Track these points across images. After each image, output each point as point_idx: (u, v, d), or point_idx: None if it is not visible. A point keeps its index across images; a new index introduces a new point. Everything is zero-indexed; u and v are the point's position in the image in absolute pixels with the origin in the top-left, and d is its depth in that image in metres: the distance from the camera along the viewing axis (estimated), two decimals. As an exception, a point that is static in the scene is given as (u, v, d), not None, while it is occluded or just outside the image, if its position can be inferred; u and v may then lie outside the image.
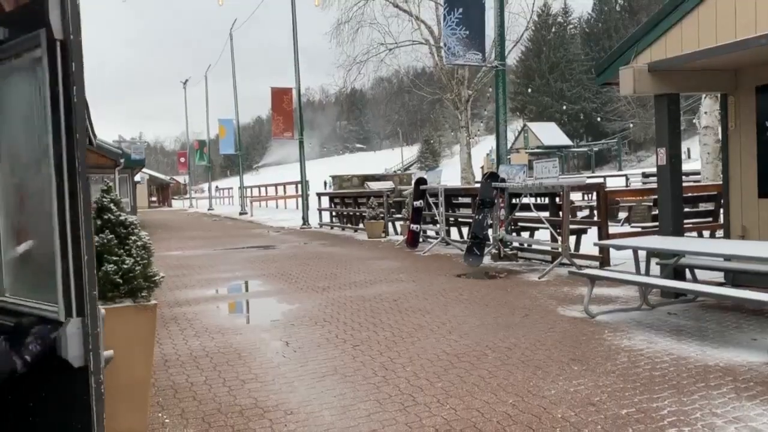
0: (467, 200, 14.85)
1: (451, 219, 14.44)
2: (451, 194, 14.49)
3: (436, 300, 7.78)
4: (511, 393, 4.36)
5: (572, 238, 10.42)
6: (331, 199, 22.99)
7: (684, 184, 7.95)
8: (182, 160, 61.16)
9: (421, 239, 13.97)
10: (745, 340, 5.45)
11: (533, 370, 4.84)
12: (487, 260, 10.94)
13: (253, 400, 4.45)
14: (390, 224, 17.53)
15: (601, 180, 21.96)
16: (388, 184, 24.33)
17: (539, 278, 9.03)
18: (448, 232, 13.98)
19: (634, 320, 6.33)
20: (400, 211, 18.01)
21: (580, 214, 15.66)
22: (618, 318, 6.45)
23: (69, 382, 2.13)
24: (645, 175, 26.73)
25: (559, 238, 9.66)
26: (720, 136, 10.41)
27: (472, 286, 8.68)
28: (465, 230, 14.13)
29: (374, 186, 24.41)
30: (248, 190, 40.42)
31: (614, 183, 27.32)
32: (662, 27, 7.15)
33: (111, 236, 3.78)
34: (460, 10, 11.83)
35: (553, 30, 70.93)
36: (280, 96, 24.94)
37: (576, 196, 18.77)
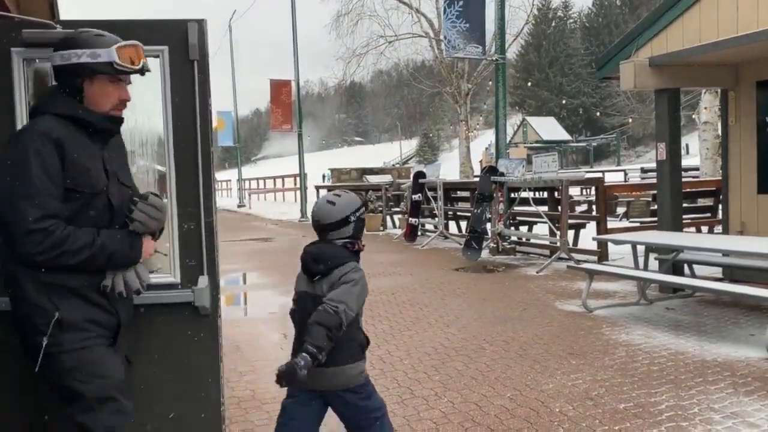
0: (466, 194, 14.84)
1: (450, 213, 14.43)
2: (449, 188, 14.48)
3: (434, 293, 7.78)
4: (508, 387, 4.36)
5: (571, 233, 10.41)
6: (330, 192, 22.93)
7: (683, 180, 7.94)
8: (180, 151, 60.96)
9: (419, 233, 13.96)
10: (743, 335, 5.45)
11: (531, 363, 4.84)
12: (485, 254, 10.94)
13: (250, 392, 4.45)
14: (388, 218, 17.52)
15: (599, 175, 21.95)
16: (386, 178, 24.26)
17: (537, 272, 9.04)
18: (446, 226, 13.98)
19: (633, 315, 6.33)
20: (398, 205, 18.00)
21: (579, 209, 15.63)
22: (616, 312, 6.46)
23: (201, 326, 2.80)
24: (644, 171, 26.72)
25: (558, 233, 9.66)
26: (719, 132, 10.42)
27: (470, 280, 8.68)
28: (463, 224, 14.13)
29: (373, 179, 24.35)
30: (246, 182, 40.34)
31: (613, 178, 27.29)
32: (663, 21, 7.12)
33: None
34: (461, 2, 11.77)
35: (553, 24, 70.72)
36: (279, 88, 24.86)
37: (574, 191, 18.76)
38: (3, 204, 2.07)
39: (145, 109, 2.82)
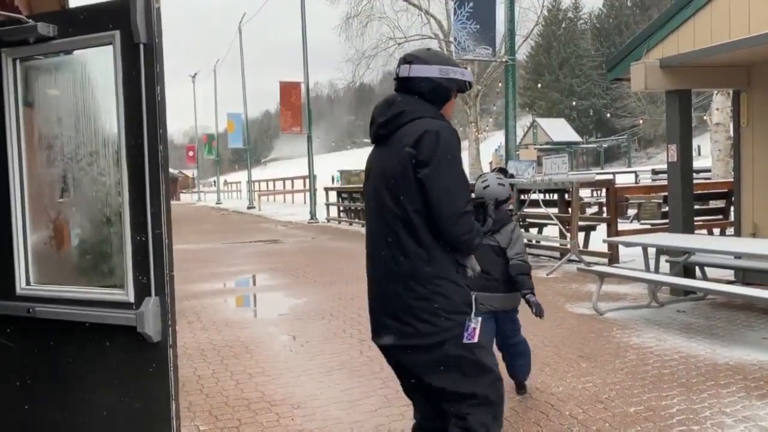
0: (475, 196, 14.78)
1: (459, 214, 14.36)
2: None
3: (443, 295, 7.74)
4: (518, 389, 4.34)
5: (581, 235, 10.37)
6: (339, 194, 22.96)
7: (694, 182, 7.89)
8: (191, 153, 61.29)
9: (428, 234, 13.91)
10: (756, 338, 5.40)
11: (541, 366, 4.82)
12: (495, 256, 10.89)
13: (260, 394, 4.46)
14: (398, 219, 17.47)
15: (610, 176, 21.86)
16: (396, 179, 24.20)
17: (548, 275, 9.00)
18: (456, 228, 13.93)
19: (643, 318, 6.29)
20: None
21: (589, 211, 15.58)
22: (627, 315, 6.42)
23: (149, 356, 2.42)
24: (655, 172, 26.53)
25: (568, 235, 9.62)
26: (731, 133, 10.34)
27: (479, 282, 8.64)
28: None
29: (382, 181, 24.29)
30: (256, 184, 40.48)
31: (624, 180, 27.17)
32: (674, 22, 7.08)
33: None
34: (471, 4, 11.76)
35: (564, 25, 70.39)
36: (288, 90, 24.92)
37: (585, 193, 18.70)
38: (447, 190, 2.36)
39: (106, 105, 2.53)
